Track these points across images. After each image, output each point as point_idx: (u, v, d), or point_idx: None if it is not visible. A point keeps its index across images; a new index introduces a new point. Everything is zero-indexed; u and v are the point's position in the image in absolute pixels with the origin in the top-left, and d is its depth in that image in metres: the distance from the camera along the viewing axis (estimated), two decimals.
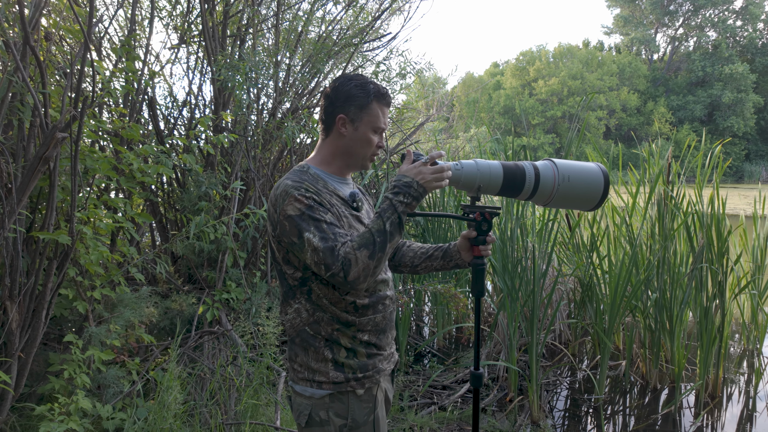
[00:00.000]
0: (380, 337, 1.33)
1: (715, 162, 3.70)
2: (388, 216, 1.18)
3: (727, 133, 29.64)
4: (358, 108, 1.29)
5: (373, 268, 1.16)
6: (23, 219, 2.00)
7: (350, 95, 1.28)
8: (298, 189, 1.21)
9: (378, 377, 1.32)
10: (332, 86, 1.31)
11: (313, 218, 1.19)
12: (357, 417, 1.28)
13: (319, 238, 1.17)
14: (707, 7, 33.48)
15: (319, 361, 1.28)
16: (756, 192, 4.36)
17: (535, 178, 1.30)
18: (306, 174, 1.29)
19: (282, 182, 1.25)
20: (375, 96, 1.29)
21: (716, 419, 3.27)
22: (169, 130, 3.70)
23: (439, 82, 8.36)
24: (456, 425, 2.98)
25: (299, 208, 1.19)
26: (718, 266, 3.40)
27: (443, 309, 4.27)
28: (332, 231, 1.18)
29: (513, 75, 35.09)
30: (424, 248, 1.50)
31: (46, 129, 1.92)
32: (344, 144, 1.31)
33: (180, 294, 3.20)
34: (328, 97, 1.31)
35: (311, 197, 1.21)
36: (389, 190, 1.22)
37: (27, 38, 1.80)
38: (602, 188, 1.32)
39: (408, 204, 1.19)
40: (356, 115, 1.29)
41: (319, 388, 1.27)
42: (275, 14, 3.81)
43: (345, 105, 1.29)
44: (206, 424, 2.47)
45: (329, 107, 1.30)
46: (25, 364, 1.98)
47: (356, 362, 1.29)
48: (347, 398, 1.28)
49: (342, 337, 1.28)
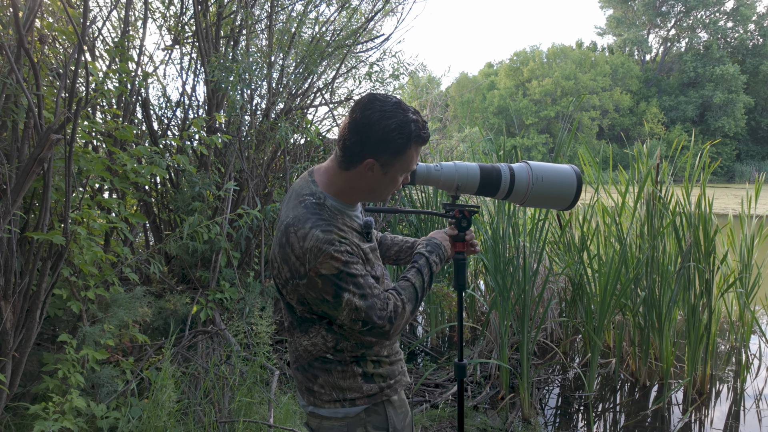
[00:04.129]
0: (394, 346, 1.36)
1: (703, 162, 3.76)
2: (427, 272, 1.27)
3: (718, 134, 29.91)
4: (393, 154, 1.11)
5: (410, 320, 1.22)
6: (17, 219, 2.01)
7: (387, 140, 1.08)
8: (332, 243, 1.08)
9: (404, 379, 1.34)
10: (365, 118, 1.08)
11: (351, 275, 1.10)
12: (396, 424, 1.26)
13: (359, 296, 1.11)
14: (699, 8, 33.74)
15: (348, 378, 1.22)
16: (744, 192, 4.43)
17: (510, 178, 1.39)
18: (324, 210, 1.14)
19: (310, 232, 1.09)
20: (415, 140, 1.11)
21: (704, 415, 3.33)
22: (162, 131, 3.71)
23: (433, 83, 8.40)
24: (448, 422, 3.02)
25: (336, 267, 1.08)
26: (705, 265, 3.46)
27: (436, 308, 4.31)
28: (368, 284, 1.13)
29: (507, 75, 35.19)
30: (408, 241, 1.49)
31: (40, 130, 1.93)
32: (368, 186, 1.17)
33: (174, 294, 3.21)
34: (357, 131, 1.09)
35: (346, 250, 1.10)
36: (425, 248, 1.34)
37: (21, 40, 1.81)
38: (575, 188, 1.41)
39: (438, 264, 1.31)
40: (389, 161, 1.12)
41: (353, 405, 1.21)
42: (268, 15, 3.82)
43: (378, 149, 1.10)
44: (200, 422, 2.48)
45: (357, 145, 1.10)
46: (20, 364, 1.99)
47: (384, 370, 1.27)
48: (383, 408, 1.25)
49: (366, 355, 1.25)
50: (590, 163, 4.10)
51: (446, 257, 1.35)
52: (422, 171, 1.35)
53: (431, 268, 1.28)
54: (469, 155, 5.75)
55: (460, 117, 16.88)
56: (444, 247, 1.35)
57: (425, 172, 1.35)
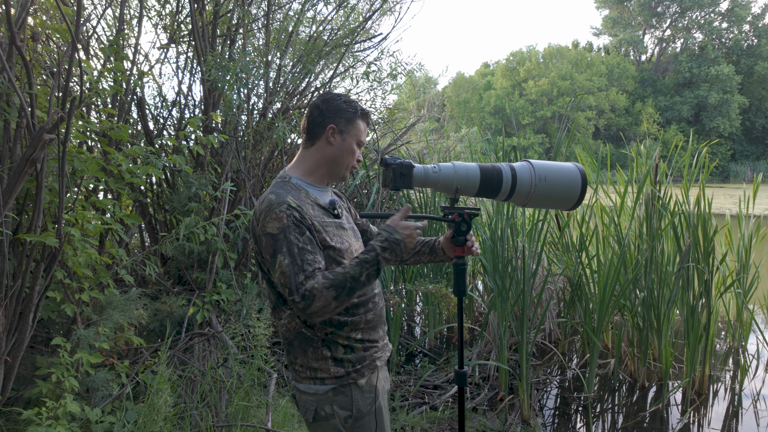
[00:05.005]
0: (372, 333, 1.39)
1: (701, 162, 3.76)
2: (368, 268, 1.23)
3: (713, 134, 30.09)
4: (347, 121, 1.37)
5: (335, 308, 1.21)
6: (9, 221, 1.98)
7: (340, 108, 1.37)
8: (280, 205, 1.24)
9: (376, 364, 1.37)
10: (322, 99, 1.39)
11: (288, 240, 1.22)
12: (361, 407, 1.33)
13: (289, 261, 1.20)
14: (694, 9, 33.93)
15: (319, 359, 1.32)
16: (741, 191, 4.43)
17: (512, 179, 1.32)
18: (288, 184, 1.33)
19: (266, 197, 1.28)
20: (361, 113, 1.40)
21: (703, 416, 3.32)
22: (158, 131, 3.67)
23: (430, 83, 8.39)
24: (447, 424, 3.00)
25: (278, 227, 1.23)
26: (704, 265, 3.45)
27: (434, 309, 4.29)
28: (303, 256, 1.21)
29: (503, 75, 35.26)
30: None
31: (32, 130, 1.90)
32: (331, 153, 1.38)
33: (170, 296, 3.18)
34: (317, 108, 1.38)
35: (291, 215, 1.24)
36: (379, 239, 1.27)
37: (13, 38, 1.78)
38: (579, 187, 1.33)
39: (389, 260, 1.26)
40: (345, 127, 1.37)
41: (322, 384, 1.32)
42: (266, 14, 3.79)
43: (335, 117, 1.37)
44: (197, 426, 2.45)
45: (319, 117, 1.37)
46: (12, 368, 1.95)
47: (354, 356, 1.33)
48: (350, 390, 1.32)
49: (337, 337, 1.32)
50: (588, 163, 4.09)
51: (404, 253, 1.28)
52: (419, 173, 1.30)
53: (378, 264, 1.24)
54: (466, 155, 5.74)
55: (457, 117, 16.89)
56: (404, 244, 1.27)
57: (423, 175, 1.31)
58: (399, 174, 1.30)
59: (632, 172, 3.89)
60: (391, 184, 1.30)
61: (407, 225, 1.30)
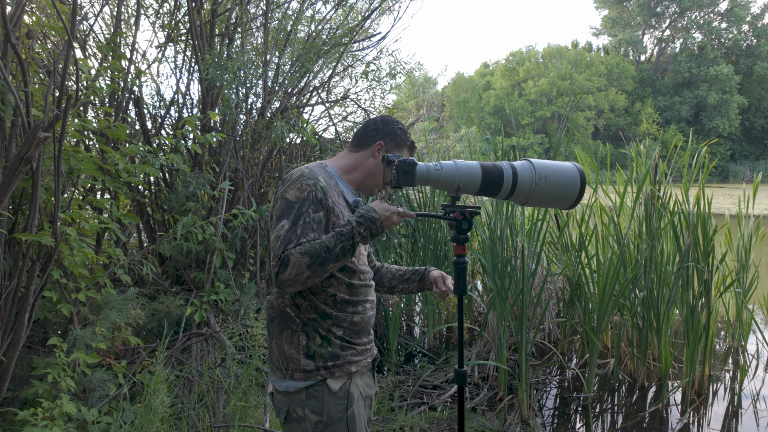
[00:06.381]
0: (354, 336, 1.36)
1: (701, 162, 3.75)
2: (343, 241, 1.22)
3: (712, 134, 30.12)
4: (396, 145, 1.48)
5: (306, 278, 1.19)
6: (5, 220, 1.96)
7: (394, 132, 1.48)
8: (309, 179, 1.28)
9: (350, 368, 1.34)
10: (382, 118, 1.52)
11: (300, 211, 1.24)
12: (332, 413, 1.30)
13: (288, 228, 1.22)
14: (693, 9, 33.98)
15: (292, 346, 1.31)
16: (740, 191, 4.43)
17: (513, 177, 1.33)
18: (324, 170, 1.39)
19: (301, 168, 1.34)
20: (410, 144, 1.51)
21: (702, 416, 3.31)
22: (156, 130, 3.66)
23: (430, 82, 8.37)
24: (446, 425, 2.99)
25: (297, 196, 1.26)
26: (703, 265, 3.44)
27: (434, 309, 4.28)
28: (303, 230, 1.22)
29: (503, 75, 35.27)
30: (401, 270, 1.61)
31: (28, 128, 1.88)
32: (371, 166, 1.46)
33: (167, 295, 3.16)
34: (375, 123, 1.49)
35: (315, 192, 1.27)
36: (356, 216, 1.26)
37: (8, 36, 1.76)
38: (579, 186, 1.35)
39: (365, 237, 1.25)
40: (391, 149, 1.47)
41: (291, 379, 1.31)
42: (264, 13, 3.78)
43: (388, 136, 1.47)
44: (194, 427, 2.44)
45: (374, 131, 1.47)
46: (8, 368, 1.94)
47: (328, 351, 1.32)
48: (322, 395, 1.30)
49: (319, 326, 1.32)
50: (588, 163, 4.08)
51: (380, 232, 1.27)
52: (422, 171, 1.30)
53: (353, 239, 1.22)
54: (466, 155, 5.73)
55: (456, 117, 16.88)
56: (380, 222, 1.25)
57: (425, 172, 1.30)
58: (402, 171, 1.29)
59: (632, 171, 3.88)
60: (394, 181, 1.29)
61: (387, 207, 1.28)
